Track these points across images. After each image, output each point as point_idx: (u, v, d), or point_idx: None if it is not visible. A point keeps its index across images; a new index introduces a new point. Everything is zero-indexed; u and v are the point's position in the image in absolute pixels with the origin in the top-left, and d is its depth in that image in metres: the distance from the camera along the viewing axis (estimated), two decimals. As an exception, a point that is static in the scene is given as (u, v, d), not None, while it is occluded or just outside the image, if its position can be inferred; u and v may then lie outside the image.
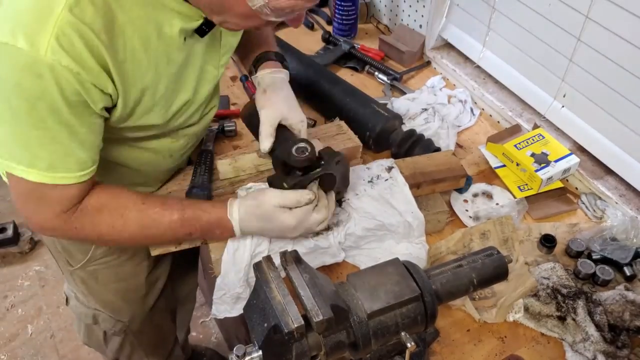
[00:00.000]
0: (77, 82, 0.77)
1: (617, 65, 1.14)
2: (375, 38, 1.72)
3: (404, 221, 1.07)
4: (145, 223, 0.93)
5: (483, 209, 1.22)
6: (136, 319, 1.38)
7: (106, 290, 1.29)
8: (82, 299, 1.34)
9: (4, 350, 2.17)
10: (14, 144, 0.81)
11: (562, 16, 1.22)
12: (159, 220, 0.93)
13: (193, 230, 0.96)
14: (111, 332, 1.39)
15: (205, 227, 0.96)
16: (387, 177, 1.11)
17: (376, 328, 0.75)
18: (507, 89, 1.47)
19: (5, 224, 2.48)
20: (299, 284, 0.73)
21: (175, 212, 0.94)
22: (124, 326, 1.38)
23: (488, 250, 0.87)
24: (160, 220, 0.93)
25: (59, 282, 2.41)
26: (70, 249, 1.19)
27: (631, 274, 1.07)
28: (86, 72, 0.77)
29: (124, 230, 0.93)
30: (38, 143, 0.81)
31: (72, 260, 1.21)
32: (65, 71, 0.75)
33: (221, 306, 1.04)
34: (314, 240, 1.03)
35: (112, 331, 1.39)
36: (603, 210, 1.21)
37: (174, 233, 0.96)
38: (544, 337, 1.00)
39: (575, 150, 1.31)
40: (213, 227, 0.97)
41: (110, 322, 1.36)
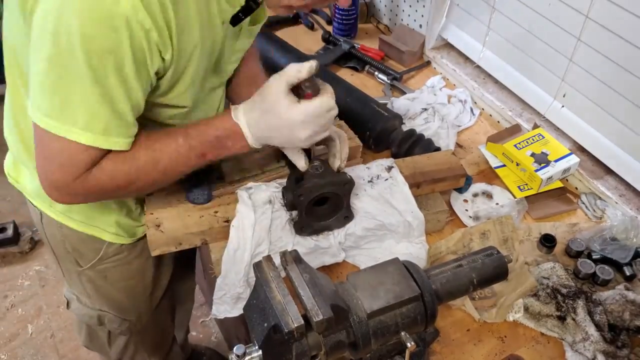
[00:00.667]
0: (145, 40, 0.75)
1: (617, 65, 1.14)
2: (375, 38, 1.72)
3: (404, 221, 1.07)
4: (156, 157, 0.90)
5: (483, 209, 1.22)
6: (142, 317, 1.38)
7: (114, 289, 1.28)
8: (86, 300, 1.32)
9: (4, 350, 2.17)
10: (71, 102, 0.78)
11: (562, 16, 1.22)
12: (166, 149, 0.90)
13: (203, 149, 0.92)
14: (117, 332, 1.38)
15: (214, 142, 0.92)
16: (387, 177, 1.11)
17: (376, 328, 0.75)
18: (507, 88, 1.47)
19: (5, 224, 2.48)
20: (299, 284, 0.73)
21: (179, 136, 0.90)
22: (130, 325, 1.38)
23: (488, 250, 0.87)
24: (167, 148, 0.90)
25: (59, 282, 2.41)
26: (81, 248, 1.18)
27: (631, 274, 1.07)
28: (156, 32, 0.75)
29: (139, 172, 0.89)
30: (96, 101, 0.78)
31: (82, 260, 1.20)
32: (139, 27, 0.73)
33: (221, 306, 1.04)
34: (314, 240, 1.04)
35: (118, 330, 1.38)
36: (603, 210, 1.21)
37: (185, 159, 0.92)
38: (543, 337, 1.00)
39: (575, 150, 1.31)
40: (222, 139, 0.92)
41: (116, 322, 1.35)
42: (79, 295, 1.33)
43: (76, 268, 1.23)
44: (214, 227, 1.03)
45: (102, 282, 1.25)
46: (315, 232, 1.04)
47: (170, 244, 1.02)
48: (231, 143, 0.93)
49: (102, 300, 1.30)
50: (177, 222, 1.03)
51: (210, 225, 1.03)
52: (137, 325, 1.39)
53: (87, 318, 1.35)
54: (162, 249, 1.03)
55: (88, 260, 1.20)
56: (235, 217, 1.02)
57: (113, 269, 1.22)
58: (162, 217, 1.04)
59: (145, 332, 1.45)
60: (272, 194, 1.05)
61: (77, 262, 1.21)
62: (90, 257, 1.19)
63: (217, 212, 1.05)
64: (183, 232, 1.02)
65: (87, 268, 1.21)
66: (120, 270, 1.24)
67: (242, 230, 1.00)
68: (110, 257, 1.19)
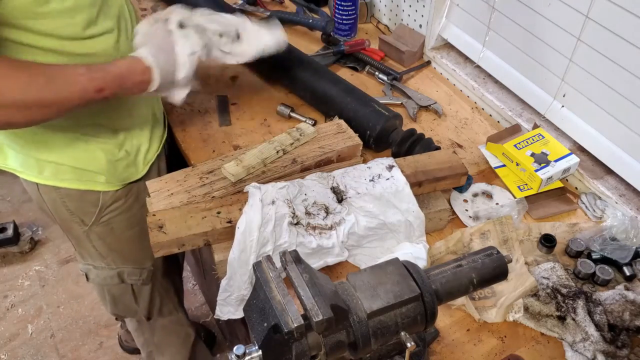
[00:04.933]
0: None
1: (617, 65, 1.14)
2: (375, 38, 1.73)
3: (405, 220, 1.07)
4: (51, 73, 0.92)
5: (483, 209, 1.22)
6: (157, 263, 1.42)
7: (124, 240, 1.32)
8: (101, 264, 1.36)
9: (4, 350, 2.17)
10: None
11: (562, 16, 1.22)
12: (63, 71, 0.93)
13: (103, 84, 0.95)
14: (139, 283, 1.42)
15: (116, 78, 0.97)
16: (388, 177, 1.11)
17: (376, 328, 0.75)
18: (507, 88, 1.47)
19: (5, 224, 2.48)
20: (298, 284, 0.73)
21: (80, 67, 0.95)
22: (150, 273, 1.42)
23: (488, 250, 0.87)
24: (65, 71, 0.94)
25: (59, 282, 2.41)
26: (80, 205, 1.21)
27: (631, 274, 1.08)
28: None
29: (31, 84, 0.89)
30: None
31: (86, 217, 1.24)
32: None
33: (225, 307, 1.04)
34: (316, 240, 1.03)
35: (140, 281, 1.42)
36: (603, 210, 1.21)
37: (83, 87, 0.94)
38: (543, 337, 1.00)
39: (575, 150, 1.31)
40: (124, 75, 0.98)
41: (136, 274, 1.39)
42: (93, 263, 1.37)
43: (83, 229, 1.26)
44: (217, 228, 1.03)
45: (111, 237, 1.30)
46: None
47: (173, 245, 1.02)
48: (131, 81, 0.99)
49: (116, 256, 1.34)
50: (179, 223, 1.03)
51: (213, 227, 1.03)
52: (155, 272, 1.43)
53: (109, 280, 1.39)
54: (165, 251, 1.03)
55: (90, 215, 1.24)
56: (240, 218, 1.01)
57: (116, 218, 1.26)
58: (164, 218, 1.04)
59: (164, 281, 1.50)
60: (275, 194, 1.05)
61: (82, 220, 1.25)
62: (91, 212, 1.23)
63: (219, 212, 1.05)
64: (186, 234, 1.01)
65: (93, 224, 1.25)
66: (124, 218, 1.27)
67: (248, 232, 1.00)
68: (109, 206, 1.24)
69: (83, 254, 1.36)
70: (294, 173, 1.17)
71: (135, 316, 1.54)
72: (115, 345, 2.19)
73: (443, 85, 1.59)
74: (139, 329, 1.64)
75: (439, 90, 1.57)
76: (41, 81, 0.90)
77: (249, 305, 0.78)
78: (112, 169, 1.19)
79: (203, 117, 1.44)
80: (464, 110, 1.51)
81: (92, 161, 1.16)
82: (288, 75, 1.48)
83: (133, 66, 0.99)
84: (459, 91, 1.57)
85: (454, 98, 1.55)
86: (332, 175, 1.11)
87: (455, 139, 1.42)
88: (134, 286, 1.42)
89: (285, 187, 1.06)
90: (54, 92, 0.92)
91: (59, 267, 2.47)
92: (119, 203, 1.25)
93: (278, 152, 1.17)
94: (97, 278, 1.40)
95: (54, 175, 1.15)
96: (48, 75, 0.91)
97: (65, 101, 0.95)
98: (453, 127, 1.46)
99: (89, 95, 0.95)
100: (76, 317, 2.28)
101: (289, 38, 1.62)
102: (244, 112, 1.47)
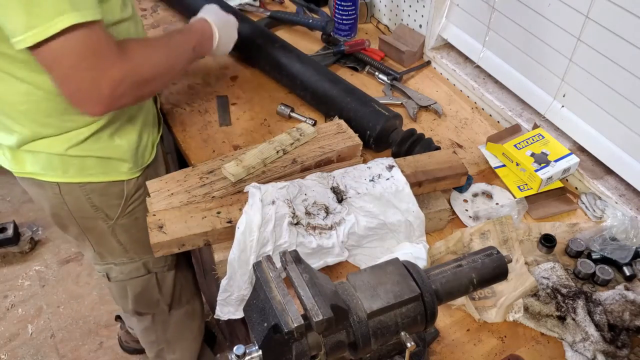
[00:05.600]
0: None
1: (617, 65, 1.14)
2: (375, 38, 1.73)
3: (405, 220, 1.07)
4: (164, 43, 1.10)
5: (483, 209, 1.22)
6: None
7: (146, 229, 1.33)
8: (124, 259, 1.37)
9: (4, 350, 2.17)
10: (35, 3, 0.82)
11: (562, 16, 1.22)
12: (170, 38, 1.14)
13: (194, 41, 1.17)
14: (165, 269, 1.45)
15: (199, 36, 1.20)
16: (388, 177, 1.11)
17: (376, 328, 0.75)
18: (507, 88, 1.47)
19: (6, 224, 2.48)
20: (298, 284, 0.73)
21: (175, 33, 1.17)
22: (173, 257, 1.45)
23: (488, 250, 0.87)
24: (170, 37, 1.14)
25: (59, 282, 2.41)
26: (106, 199, 1.24)
27: (631, 274, 1.08)
28: None
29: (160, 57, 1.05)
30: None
31: (111, 210, 1.26)
32: None
33: (225, 307, 1.04)
34: (316, 240, 1.03)
35: (166, 267, 1.45)
36: (603, 210, 1.21)
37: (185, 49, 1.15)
38: (543, 337, 1.00)
39: (575, 150, 1.31)
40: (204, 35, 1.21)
41: (161, 261, 1.42)
42: (114, 260, 1.38)
43: (108, 224, 1.28)
44: (217, 228, 1.03)
45: (136, 227, 1.32)
46: None
47: (173, 245, 1.03)
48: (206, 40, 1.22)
49: (140, 246, 1.36)
50: (179, 223, 1.03)
51: (213, 226, 1.03)
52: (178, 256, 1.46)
53: (135, 272, 1.41)
54: (165, 251, 1.03)
55: (116, 207, 1.26)
56: (240, 218, 1.01)
57: (140, 207, 1.29)
58: (164, 218, 1.04)
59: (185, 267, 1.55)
60: (275, 194, 1.05)
61: (107, 215, 1.27)
62: (116, 204, 1.26)
63: (219, 212, 1.05)
64: (186, 234, 1.01)
65: (118, 217, 1.28)
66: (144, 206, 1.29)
67: (248, 232, 1.00)
68: (133, 195, 1.27)
69: (103, 253, 1.36)
70: (294, 173, 1.17)
71: (157, 309, 1.55)
72: (115, 345, 2.19)
73: (443, 85, 1.59)
74: (150, 327, 1.62)
75: (439, 90, 1.57)
76: (164, 52, 1.07)
77: (249, 305, 0.78)
78: (134, 155, 1.22)
79: (203, 117, 1.45)
80: (464, 110, 1.51)
81: (115, 150, 1.18)
82: (288, 75, 1.48)
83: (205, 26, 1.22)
84: (459, 91, 1.57)
85: (454, 98, 1.55)
86: (332, 175, 1.11)
87: (455, 139, 1.42)
88: (158, 275, 1.44)
89: (285, 187, 1.06)
90: (174, 57, 1.10)
91: (59, 267, 2.47)
92: (141, 191, 1.27)
93: (278, 152, 1.17)
94: (121, 275, 1.41)
95: (79, 171, 1.17)
96: (164, 46, 1.09)
97: (181, 63, 1.15)
98: (453, 127, 1.46)
99: (190, 54, 1.16)
100: (76, 317, 2.28)
101: (289, 38, 1.63)
102: (244, 112, 1.47)
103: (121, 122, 1.18)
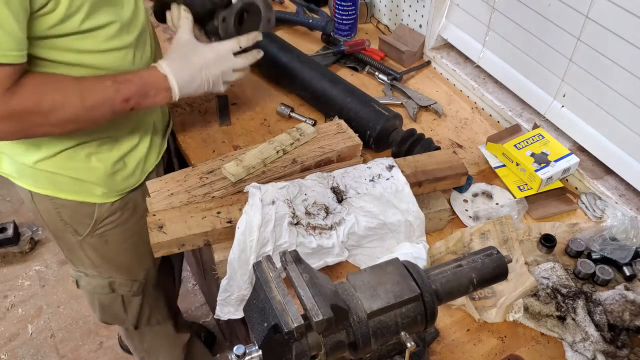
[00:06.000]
0: None
1: (617, 65, 1.14)
2: (375, 38, 1.73)
3: (405, 220, 1.07)
4: (84, 93, 0.96)
5: (483, 209, 1.22)
6: (150, 275, 1.42)
7: (118, 251, 1.31)
8: (93, 272, 1.35)
9: (4, 350, 2.17)
10: None
11: (562, 16, 1.22)
12: (95, 88, 0.98)
13: (128, 94, 1.00)
14: (130, 294, 1.41)
15: (140, 89, 1.02)
16: (388, 177, 1.11)
17: (376, 328, 0.75)
18: (507, 88, 1.47)
19: (5, 224, 2.48)
20: (298, 284, 0.73)
21: (108, 79, 1.00)
22: (141, 285, 1.41)
23: (488, 250, 0.87)
24: (97, 87, 0.98)
25: (59, 282, 2.41)
26: (75, 216, 1.20)
27: (631, 274, 1.08)
28: None
29: (65, 106, 0.95)
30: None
31: (80, 227, 1.23)
32: None
33: (225, 307, 1.04)
34: (316, 240, 1.04)
35: (131, 293, 1.41)
36: (603, 210, 1.21)
37: (111, 100, 0.99)
38: (543, 337, 1.00)
39: (575, 150, 1.31)
40: (148, 87, 1.03)
41: (127, 285, 1.38)
42: (85, 270, 1.36)
43: (76, 238, 1.25)
44: (217, 228, 1.03)
45: (105, 248, 1.28)
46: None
47: (173, 245, 1.03)
48: (154, 92, 1.05)
49: (109, 266, 1.33)
50: (179, 223, 1.03)
51: (213, 226, 1.03)
52: (147, 284, 1.42)
53: (100, 289, 1.38)
54: (165, 251, 1.03)
55: (85, 226, 1.23)
56: (240, 218, 1.01)
57: (112, 231, 1.25)
58: (164, 218, 1.04)
59: (155, 292, 1.49)
60: (275, 194, 1.05)
61: (76, 231, 1.24)
62: (86, 223, 1.22)
63: (219, 212, 1.05)
64: (186, 234, 1.01)
65: (87, 235, 1.24)
66: (119, 231, 1.26)
67: (248, 232, 1.00)
68: (105, 219, 1.23)
69: (74, 261, 1.35)
70: (294, 173, 1.17)
71: (123, 325, 1.53)
72: (115, 345, 2.19)
73: (443, 85, 1.59)
74: (128, 336, 1.64)
75: (439, 90, 1.57)
76: (75, 100, 0.96)
77: (249, 305, 0.78)
78: (109, 181, 1.18)
79: (203, 117, 1.45)
80: (464, 110, 1.51)
81: (90, 172, 1.14)
82: (288, 75, 1.48)
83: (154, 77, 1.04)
84: (459, 91, 1.57)
85: (454, 98, 1.55)
86: (332, 175, 1.11)
87: (455, 139, 1.42)
88: (124, 297, 1.41)
89: (285, 187, 1.06)
90: (87, 109, 0.98)
91: (59, 267, 2.47)
92: (115, 216, 1.24)
93: (278, 152, 1.17)
94: (88, 286, 1.38)
95: (50, 184, 1.14)
96: (80, 92, 0.96)
97: (96, 116, 1.01)
98: (453, 127, 1.46)
99: (117, 107, 1.01)
100: (76, 317, 2.28)
101: (289, 38, 1.63)
102: (244, 112, 1.47)
103: (101, 142, 1.14)
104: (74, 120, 0.99)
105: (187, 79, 1.07)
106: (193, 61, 1.07)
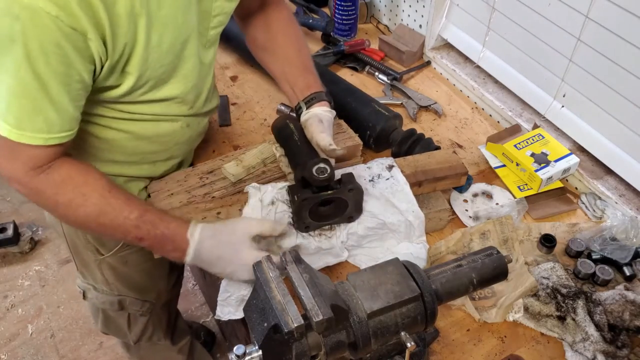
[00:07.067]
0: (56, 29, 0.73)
1: (617, 65, 1.14)
2: (375, 38, 1.73)
3: (405, 220, 1.07)
4: (104, 210, 0.90)
5: (483, 209, 1.22)
6: (161, 296, 1.41)
7: (135, 272, 1.30)
8: (104, 288, 1.33)
9: (4, 350, 2.17)
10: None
11: (562, 16, 1.22)
12: (117, 212, 0.91)
13: (145, 235, 0.92)
14: (138, 314, 1.40)
15: (158, 237, 0.92)
16: (388, 177, 1.11)
17: (376, 328, 0.75)
18: (507, 88, 1.47)
19: (5, 224, 2.48)
20: (299, 284, 0.73)
21: (136, 211, 0.91)
22: (150, 306, 1.40)
23: (488, 250, 0.87)
24: (119, 212, 0.91)
25: (59, 282, 2.41)
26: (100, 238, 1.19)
27: (631, 274, 1.07)
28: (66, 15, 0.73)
29: (80, 208, 0.90)
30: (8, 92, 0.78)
31: (104, 248, 1.22)
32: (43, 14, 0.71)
33: (225, 308, 1.04)
34: (316, 242, 1.03)
35: (140, 312, 1.39)
36: (603, 210, 1.21)
37: (125, 231, 0.92)
38: (543, 337, 1.00)
39: (575, 150, 1.31)
40: (166, 241, 0.92)
41: (137, 304, 1.37)
42: (95, 284, 1.34)
43: (96, 257, 1.24)
44: (216, 228, 1.03)
45: (123, 268, 1.27)
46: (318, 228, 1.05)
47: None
48: (170, 248, 0.93)
49: (122, 285, 1.32)
50: (179, 223, 1.03)
51: (211, 226, 1.03)
52: (156, 305, 1.41)
53: (108, 305, 1.37)
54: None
55: (109, 248, 1.21)
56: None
57: (134, 254, 1.25)
58: (163, 217, 1.03)
59: (162, 312, 1.48)
60: (275, 194, 1.05)
61: (98, 250, 1.23)
62: (111, 246, 1.21)
63: (219, 212, 1.05)
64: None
65: (109, 256, 1.23)
66: (140, 254, 1.25)
67: None
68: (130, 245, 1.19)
69: (85, 274, 1.33)
70: (294, 173, 1.17)
71: (124, 339, 1.53)
72: (115, 345, 2.19)
73: (443, 85, 1.59)
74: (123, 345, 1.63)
75: (439, 91, 1.57)
76: (92, 211, 0.90)
77: (249, 305, 0.78)
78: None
79: (203, 117, 1.44)
80: (464, 110, 1.51)
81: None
82: (288, 75, 1.48)
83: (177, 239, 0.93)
84: (459, 91, 1.57)
85: (454, 98, 1.55)
86: (332, 175, 1.11)
87: (455, 139, 1.42)
88: (131, 316, 1.40)
89: (285, 187, 1.06)
90: (99, 224, 0.92)
91: (59, 267, 2.47)
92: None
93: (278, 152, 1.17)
94: (96, 300, 1.36)
95: None
96: (100, 207, 0.90)
97: (105, 233, 0.95)
98: (453, 127, 1.46)
99: (129, 238, 0.94)
100: (76, 317, 2.28)
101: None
102: (244, 112, 1.47)
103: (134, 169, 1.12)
104: (82, 224, 0.95)
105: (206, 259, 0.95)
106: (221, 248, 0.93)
